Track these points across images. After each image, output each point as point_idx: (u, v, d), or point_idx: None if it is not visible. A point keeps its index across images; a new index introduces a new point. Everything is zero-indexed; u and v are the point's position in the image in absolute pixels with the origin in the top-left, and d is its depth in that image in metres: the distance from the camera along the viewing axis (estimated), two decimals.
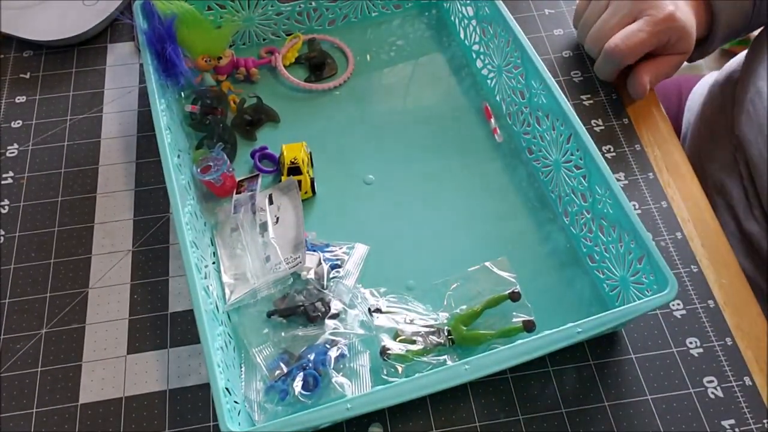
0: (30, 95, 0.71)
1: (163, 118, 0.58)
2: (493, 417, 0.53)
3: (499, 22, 0.65)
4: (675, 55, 0.69)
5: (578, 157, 0.57)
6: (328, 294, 0.56)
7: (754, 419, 0.53)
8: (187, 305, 0.58)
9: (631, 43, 0.66)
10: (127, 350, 0.56)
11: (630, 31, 0.66)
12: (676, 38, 0.67)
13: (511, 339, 0.54)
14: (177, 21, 0.64)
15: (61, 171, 0.66)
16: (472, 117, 0.69)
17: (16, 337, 0.56)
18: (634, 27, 0.66)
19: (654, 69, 0.68)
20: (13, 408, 0.53)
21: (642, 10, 0.66)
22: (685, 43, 0.68)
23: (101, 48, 0.75)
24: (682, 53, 0.69)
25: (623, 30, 0.67)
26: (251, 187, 0.62)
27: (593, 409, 0.53)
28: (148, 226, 0.62)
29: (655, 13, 0.66)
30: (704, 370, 0.55)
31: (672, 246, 0.61)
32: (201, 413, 0.53)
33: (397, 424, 0.52)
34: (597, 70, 0.71)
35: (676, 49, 0.68)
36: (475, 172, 0.65)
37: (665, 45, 0.67)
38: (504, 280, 0.57)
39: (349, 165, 0.66)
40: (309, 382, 0.51)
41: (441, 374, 0.46)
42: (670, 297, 0.49)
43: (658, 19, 0.65)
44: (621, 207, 0.53)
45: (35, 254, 0.61)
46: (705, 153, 0.79)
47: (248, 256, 0.58)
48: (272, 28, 0.73)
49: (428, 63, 0.74)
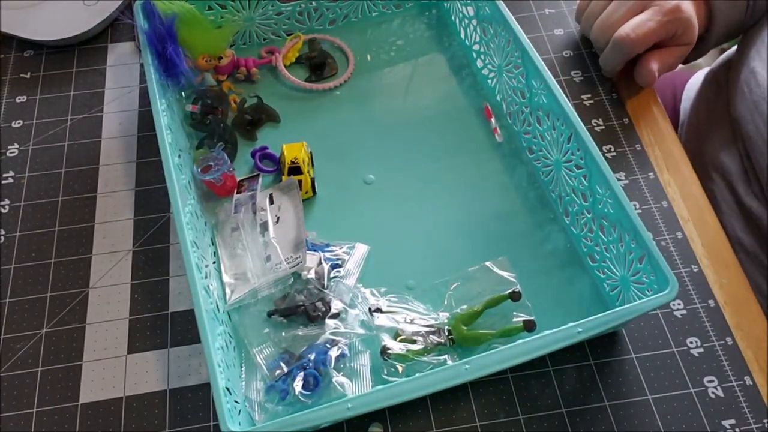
0: (30, 95, 0.71)
1: (163, 117, 0.58)
2: (493, 417, 0.53)
3: (500, 22, 0.65)
4: (680, 46, 0.70)
5: (579, 157, 0.57)
6: (328, 294, 0.56)
7: (755, 419, 0.53)
8: (187, 305, 0.58)
9: (641, 32, 0.66)
10: (128, 350, 0.56)
11: (640, 20, 0.67)
12: (682, 29, 0.68)
13: (511, 339, 0.54)
14: (177, 21, 0.64)
15: (62, 171, 0.66)
16: (472, 117, 0.69)
17: (16, 337, 0.56)
18: (643, 17, 0.67)
19: (660, 58, 0.69)
20: (13, 408, 0.53)
21: (650, 1, 0.67)
22: (689, 34, 0.69)
23: (102, 48, 0.75)
24: (686, 44, 0.70)
25: (632, 20, 0.67)
26: (252, 187, 0.62)
27: (593, 409, 0.53)
28: (148, 225, 0.62)
29: (662, 3, 0.67)
30: (704, 369, 0.55)
31: (672, 246, 0.61)
32: (201, 413, 0.53)
33: (397, 423, 0.52)
34: (603, 61, 0.71)
35: (681, 40, 0.69)
36: (475, 172, 0.65)
37: (672, 36, 0.68)
38: (504, 279, 0.57)
39: (350, 165, 0.66)
40: (309, 382, 0.51)
41: (441, 374, 0.46)
42: (671, 297, 0.48)
43: (666, 9, 0.66)
44: (621, 207, 0.53)
45: (35, 254, 0.61)
46: (703, 134, 0.80)
47: (249, 256, 0.58)
48: (273, 28, 0.73)
49: (428, 63, 0.74)
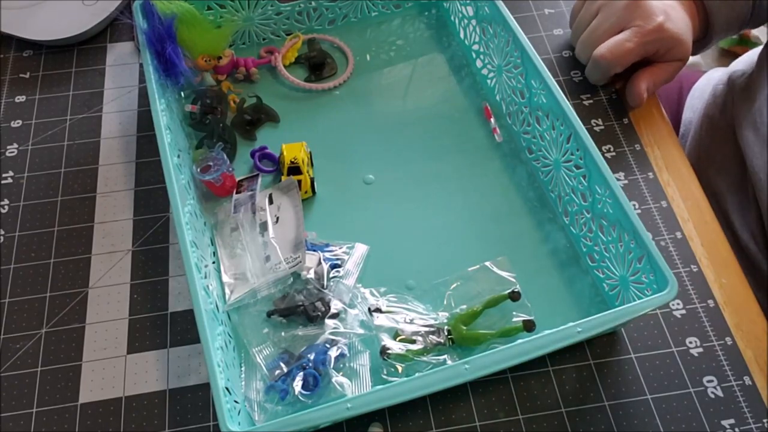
0: (30, 95, 0.71)
1: (163, 117, 0.58)
2: (493, 417, 0.53)
3: (499, 22, 0.65)
4: (672, 62, 0.68)
5: (578, 157, 0.57)
6: (328, 294, 0.56)
7: (754, 419, 0.53)
8: (187, 305, 0.58)
9: (618, 52, 0.65)
10: (127, 350, 0.56)
11: (617, 41, 0.65)
12: (666, 48, 0.66)
13: (511, 339, 0.54)
14: (177, 21, 0.64)
15: (61, 171, 0.66)
16: (472, 117, 0.69)
17: (16, 337, 0.56)
18: (622, 37, 0.65)
19: (651, 76, 0.68)
20: (13, 408, 0.53)
21: (631, 20, 0.66)
22: (678, 51, 0.67)
23: (101, 48, 0.75)
24: (678, 60, 0.68)
25: (611, 39, 0.66)
26: (251, 187, 0.62)
27: (593, 409, 0.53)
28: (148, 225, 0.62)
29: (643, 23, 0.65)
30: (704, 369, 0.55)
31: (672, 245, 0.61)
32: (201, 413, 0.53)
33: (397, 423, 0.52)
34: (587, 75, 0.71)
35: (670, 57, 0.68)
36: (475, 172, 0.65)
37: (657, 54, 0.67)
38: (504, 279, 0.57)
39: (349, 165, 0.66)
40: (309, 382, 0.51)
41: (441, 374, 0.46)
42: (670, 297, 0.49)
43: (646, 30, 0.65)
44: (621, 207, 0.53)
45: (35, 254, 0.61)
46: (704, 156, 0.78)
47: (248, 256, 0.58)
48: (272, 28, 0.73)
49: (428, 63, 0.74)
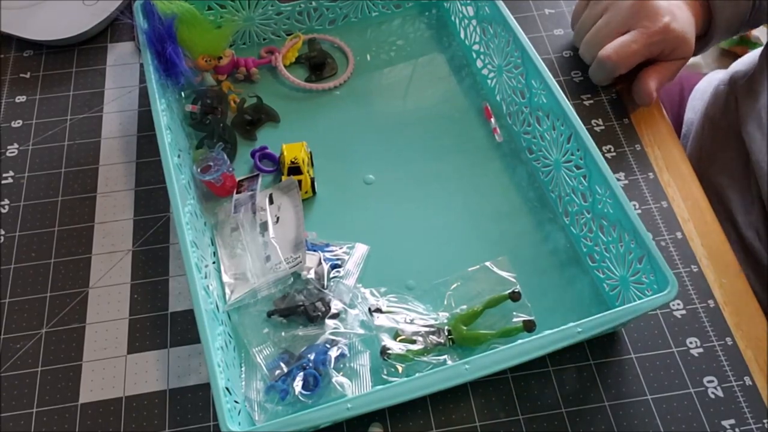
0: (30, 95, 0.71)
1: (163, 117, 0.58)
2: (493, 417, 0.53)
3: (500, 22, 0.65)
4: (676, 61, 0.69)
5: (578, 157, 0.57)
6: (328, 294, 0.56)
7: (754, 419, 0.53)
8: (187, 305, 0.58)
9: (623, 53, 0.65)
10: (127, 350, 0.56)
11: (623, 41, 0.65)
12: (671, 48, 0.66)
13: (511, 339, 0.54)
14: (177, 21, 0.64)
15: (61, 171, 0.66)
16: (472, 117, 0.69)
17: (16, 337, 0.56)
18: (627, 38, 0.65)
19: (657, 75, 0.68)
20: (13, 408, 0.53)
21: (637, 21, 0.65)
22: (683, 50, 0.67)
23: (101, 48, 0.75)
24: (682, 59, 0.69)
25: (617, 40, 0.66)
26: (251, 187, 0.62)
27: (593, 409, 0.53)
28: (148, 225, 0.62)
29: (649, 24, 0.65)
30: (704, 369, 0.55)
31: (672, 246, 0.61)
32: (201, 413, 0.53)
33: (397, 423, 0.52)
34: (591, 75, 0.71)
35: (675, 56, 0.68)
36: (475, 172, 0.65)
37: (662, 54, 0.67)
38: (504, 279, 0.57)
39: (350, 165, 0.66)
40: (309, 382, 0.51)
41: (441, 374, 0.46)
42: (671, 297, 0.49)
43: (652, 31, 0.65)
44: (621, 207, 0.53)
45: (35, 254, 0.61)
46: (706, 156, 0.78)
47: (248, 256, 0.58)
48: (272, 28, 0.73)
49: (428, 63, 0.74)
